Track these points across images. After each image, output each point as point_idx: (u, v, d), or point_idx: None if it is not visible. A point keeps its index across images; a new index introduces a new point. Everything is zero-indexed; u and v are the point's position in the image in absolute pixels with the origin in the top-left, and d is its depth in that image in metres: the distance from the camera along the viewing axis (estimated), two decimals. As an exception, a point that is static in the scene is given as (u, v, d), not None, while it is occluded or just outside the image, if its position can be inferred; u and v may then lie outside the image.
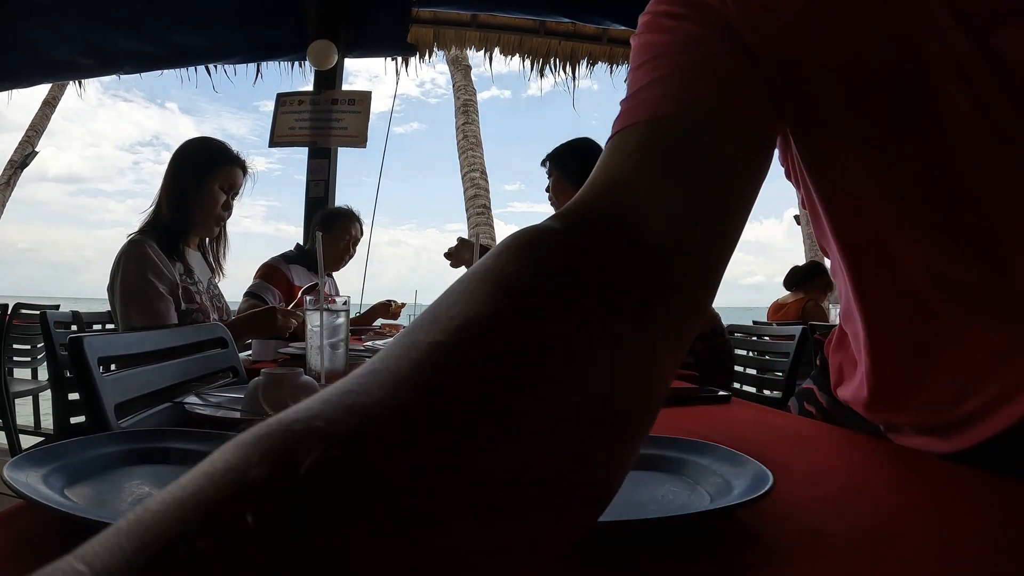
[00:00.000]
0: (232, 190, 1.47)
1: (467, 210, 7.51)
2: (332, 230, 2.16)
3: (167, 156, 1.52)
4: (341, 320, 0.80)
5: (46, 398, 2.91)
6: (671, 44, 0.35)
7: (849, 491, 0.43)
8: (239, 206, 1.54)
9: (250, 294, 1.88)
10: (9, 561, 0.30)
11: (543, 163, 1.88)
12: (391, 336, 1.22)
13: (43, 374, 2.98)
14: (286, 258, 2.06)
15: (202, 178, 1.41)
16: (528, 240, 0.23)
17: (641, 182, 0.29)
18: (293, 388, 0.59)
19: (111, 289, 1.29)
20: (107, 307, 1.69)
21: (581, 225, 0.26)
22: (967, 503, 0.40)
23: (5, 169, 9.08)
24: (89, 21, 2.91)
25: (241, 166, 1.49)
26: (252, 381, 0.60)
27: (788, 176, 0.51)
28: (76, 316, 1.43)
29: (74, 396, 1.31)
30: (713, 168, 0.30)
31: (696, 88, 0.33)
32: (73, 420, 1.26)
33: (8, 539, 0.32)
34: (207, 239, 1.52)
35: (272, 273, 1.97)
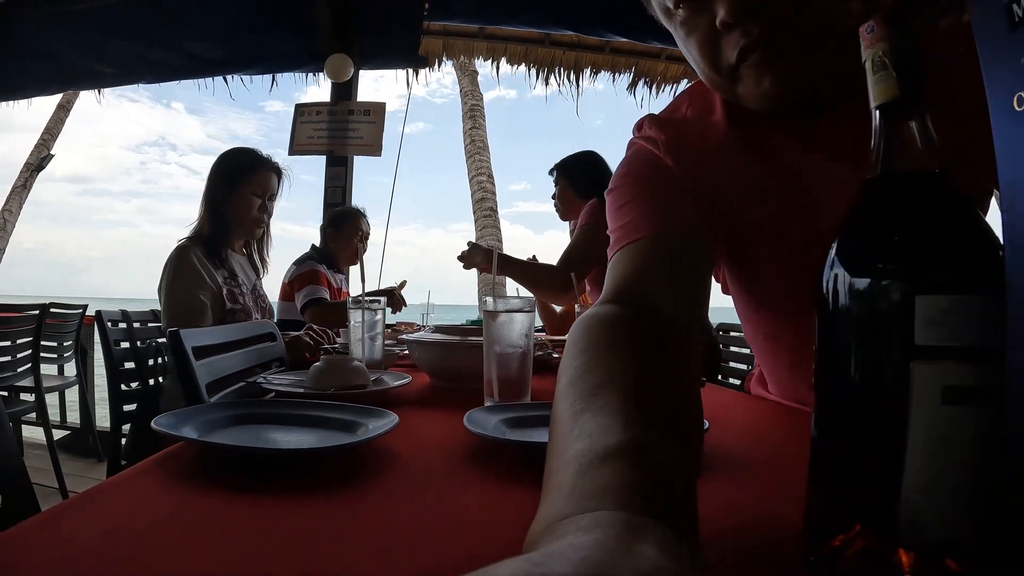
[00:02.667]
0: (266, 193, 1.59)
1: (474, 212, 7.61)
2: (343, 229, 2.28)
3: (173, 156, 1.70)
4: (379, 316, 0.93)
5: (72, 394, 3.04)
6: (645, 187, 0.61)
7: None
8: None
9: (313, 302, 1.99)
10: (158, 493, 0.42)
11: (550, 172, 2.00)
12: (406, 334, 1.35)
13: (68, 370, 3.11)
14: (315, 260, 2.19)
15: (234, 188, 1.54)
16: (605, 323, 0.46)
17: (650, 285, 0.54)
18: (346, 370, 0.71)
19: (159, 290, 1.42)
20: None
21: (629, 309, 0.49)
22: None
23: (21, 172, 9.24)
24: (112, 33, 3.04)
25: (273, 169, 1.61)
26: (313, 365, 0.72)
27: (723, 291, 0.72)
28: (125, 314, 1.57)
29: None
30: (688, 270, 0.56)
31: (668, 219, 0.58)
32: (126, 408, 1.39)
33: (157, 480, 0.44)
34: (252, 241, 1.65)
35: (318, 276, 2.11)
